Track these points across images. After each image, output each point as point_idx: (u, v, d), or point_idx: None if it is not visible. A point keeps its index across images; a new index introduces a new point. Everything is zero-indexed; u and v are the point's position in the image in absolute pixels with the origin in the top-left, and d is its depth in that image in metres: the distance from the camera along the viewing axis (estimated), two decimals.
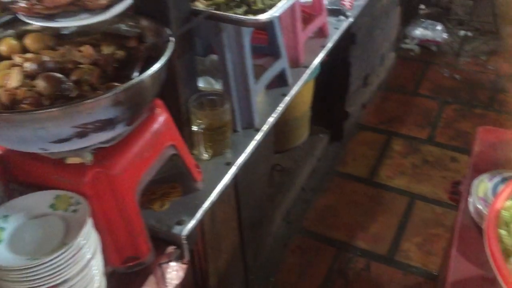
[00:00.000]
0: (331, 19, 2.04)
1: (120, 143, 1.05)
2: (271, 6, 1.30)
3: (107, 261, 1.07)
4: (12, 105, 0.96)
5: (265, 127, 1.51)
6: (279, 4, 1.30)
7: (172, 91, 1.28)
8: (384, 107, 3.14)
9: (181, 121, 1.31)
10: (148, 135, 1.10)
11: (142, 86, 0.98)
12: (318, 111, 2.67)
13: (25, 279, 0.89)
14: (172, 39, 1.08)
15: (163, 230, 1.20)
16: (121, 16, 1.18)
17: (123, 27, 1.20)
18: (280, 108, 1.59)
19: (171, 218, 1.22)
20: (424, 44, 3.65)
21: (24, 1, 1.14)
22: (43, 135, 0.91)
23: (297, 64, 1.76)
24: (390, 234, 2.34)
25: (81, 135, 0.94)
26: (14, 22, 1.18)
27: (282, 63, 1.62)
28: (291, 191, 2.42)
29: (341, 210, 2.49)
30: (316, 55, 1.85)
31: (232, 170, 1.37)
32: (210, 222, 1.54)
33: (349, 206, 2.51)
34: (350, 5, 2.08)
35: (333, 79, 2.60)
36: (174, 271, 1.16)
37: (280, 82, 1.67)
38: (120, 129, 1.00)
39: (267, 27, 1.56)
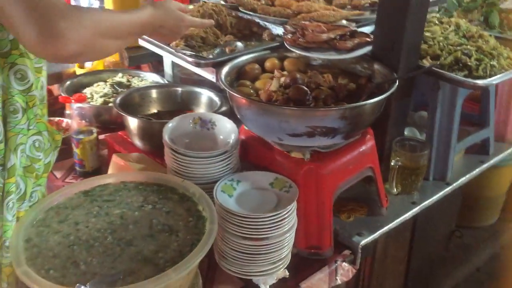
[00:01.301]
0: None
1: (333, 152, 1.32)
2: (490, 75, 1.46)
3: (296, 242, 1.33)
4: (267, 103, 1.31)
5: (455, 184, 1.63)
6: (499, 75, 1.45)
7: (383, 127, 1.51)
8: None
9: (383, 153, 1.52)
10: (355, 153, 1.34)
11: (362, 109, 1.24)
12: None
13: (243, 225, 1.19)
14: (396, 81, 1.32)
15: (345, 236, 1.41)
16: (360, 59, 1.47)
17: (358, 67, 1.49)
18: (475, 171, 1.69)
19: (353, 229, 1.43)
20: None
21: (291, 35, 1.52)
22: (284, 127, 1.23)
23: (503, 139, 1.85)
24: None
25: (310, 134, 1.23)
26: (279, 48, 1.57)
27: (488, 132, 1.73)
28: (465, 267, 2.41)
29: None
30: None
31: (415, 209, 1.52)
32: (382, 254, 1.70)
33: None
34: None
35: None
36: (345, 271, 1.36)
37: (482, 150, 1.78)
38: (337, 140, 1.27)
39: (482, 96, 1.70)
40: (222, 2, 1.88)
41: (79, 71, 2.04)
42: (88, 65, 2.07)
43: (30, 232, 1.10)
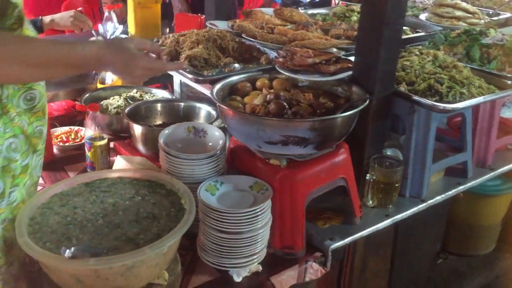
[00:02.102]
0: None
1: (307, 161, 1.48)
2: (460, 101, 1.60)
3: (271, 242, 1.48)
4: None
5: (430, 201, 1.75)
6: (466, 101, 1.59)
7: (362, 145, 1.66)
8: None
9: (360, 169, 1.67)
10: (328, 163, 1.50)
11: (331, 122, 1.40)
12: (510, 231, 2.67)
13: (221, 219, 1.35)
14: (367, 100, 1.48)
15: (318, 240, 1.55)
16: (341, 82, 1.64)
17: (339, 89, 1.65)
18: (451, 192, 1.81)
19: (326, 234, 1.57)
20: None
21: (282, 58, 1.70)
22: (261, 135, 1.39)
23: (483, 165, 1.96)
24: None
25: (284, 143, 1.39)
26: (271, 70, 1.75)
27: (466, 156, 1.85)
28: None
29: None
30: (508, 163, 2.00)
31: (388, 221, 1.65)
32: (361, 265, 1.82)
33: None
34: None
35: None
36: (314, 270, 1.49)
37: (462, 173, 1.89)
38: (309, 150, 1.43)
39: (461, 123, 1.83)
40: (228, 29, 2.09)
41: (99, 86, 2.28)
42: (109, 81, 2.31)
43: (35, 212, 1.29)
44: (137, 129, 1.73)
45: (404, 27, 2.38)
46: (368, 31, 1.58)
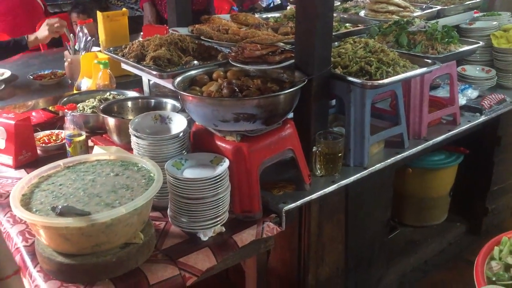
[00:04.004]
0: (468, 114, 2.46)
1: (257, 136, 1.73)
2: (387, 78, 1.87)
3: (232, 208, 1.72)
4: None
5: (371, 169, 2.01)
6: (393, 78, 1.87)
7: (307, 122, 1.92)
8: None
9: (307, 143, 1.92)
10: (276, 136, 1.75)
11: (274, 99, 1.66)
12: (459, 202, 2.96)
13: (186, 187, 1.58)
14: (305, 80, 1.74)
15: (273, 204, 1.80)
16: (285, 69, 1.90)
17: (284, 75, 1.91)
18: (389, 160, 2.08)
19: (280, 199, 1.82)
20: None
21: (234, 53, 1.96)
22: (216, 115, 1.64)
23: (419, 137, 2.24)
24: None
25: (235, 120, 1.64)
26: (226, 63, 2.01)
27: (401, 129, 2.12)
28: (411, 259, 2.74)
29: None
30: (440, 135, 2.29)
31: (334, 186, 1.90)
32: (317, 230, 2.07)
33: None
34: (489, 106, 2.46)
35: (476, 175, 2.89)
36: (270, 228, 1.73)
37: (399, 145, 2.17)
38: (258, 125, 1.68)
39: (395, 100, 2.10)
40: (188, 33, 2.34)
41: (75, 92, 2.51)
42: (84, 87, 2.54)
43: (25, 190, 1.52)
44: (111, 122, 1.97)
45: (347, 23, 2.68)
46: (303, 23, 1.85)
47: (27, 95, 2.67)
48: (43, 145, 2.26)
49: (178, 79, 1.85)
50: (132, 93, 2.38)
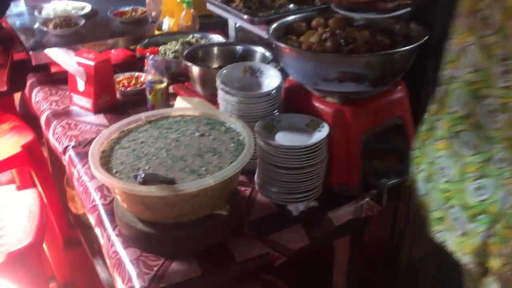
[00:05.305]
0: None
1: (363, 99, 1.48)
2: None
3: (328, 179, 1.51)
4: None
5: None
6: None
7: (418, 86, 1.64)
8: None
9: (418, 109, 1.65)
10: (384, 101, 1.50)
11: (387, 58, 1.39)
12: None
13: (280, 155, 1.38)
14: (426, 37, 1.45)
15: (375, 178, 1.57)
16: (398, 19, 1.61)
17: (397, 27, 1.62)
18: None
19: (383, 173, 1.58)
20: None
21: None
22: (318, 72, 1.41)
23: None
24: None
25: (340, 79, 1.40)
26: (327, 9, 1.73)
27: None
28: None
29: None
30: None
31: None
32: (416, 207, 1.83)
33: None
34: None
35: None
36: (370, 206, 1.52)
37: None
38: (366, 87, 1.43)
39: None
40: None
41: (157, 33, 2.33)
42: (165, 27, 2.36)
43: (105, 146, 1.38)
44: (196, 71, 1.78)
45: None
46: None
47: (107, 32, 2.54)
48: (123, 89, 2.13)
49: (273, 26, 1.61)
50: (217, 37, 2.17)
